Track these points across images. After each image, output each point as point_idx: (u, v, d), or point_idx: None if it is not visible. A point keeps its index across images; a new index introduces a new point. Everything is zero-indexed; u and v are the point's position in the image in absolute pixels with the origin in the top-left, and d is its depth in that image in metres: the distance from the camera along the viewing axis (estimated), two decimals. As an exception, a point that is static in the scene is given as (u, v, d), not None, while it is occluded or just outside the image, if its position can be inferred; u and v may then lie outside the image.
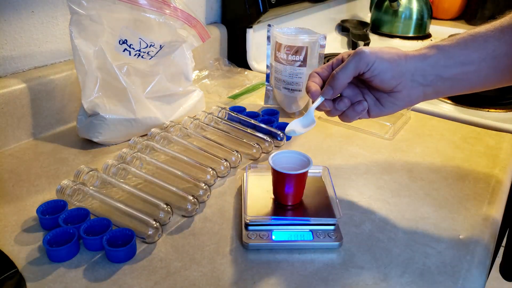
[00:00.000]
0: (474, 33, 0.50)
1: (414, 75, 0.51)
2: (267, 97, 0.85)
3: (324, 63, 0.57)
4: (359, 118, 0.56)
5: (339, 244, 0.47)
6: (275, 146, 0.69)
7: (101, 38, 0.62)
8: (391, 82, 0.50)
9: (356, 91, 0.55)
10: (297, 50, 0.75)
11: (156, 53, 0.67)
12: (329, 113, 0.55)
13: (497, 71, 0.50)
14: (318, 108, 0.54)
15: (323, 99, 0.53)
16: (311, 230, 0.48)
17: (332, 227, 0.49)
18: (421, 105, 0.87)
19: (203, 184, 0.54)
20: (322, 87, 0.53)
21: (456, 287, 0.43)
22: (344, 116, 0.55)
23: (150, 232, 0.46)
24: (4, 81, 0.64)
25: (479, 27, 0.51)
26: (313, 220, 0.49)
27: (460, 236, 0.50)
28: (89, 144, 0.67)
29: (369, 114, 0.55)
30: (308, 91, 0.53)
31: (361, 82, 0.54)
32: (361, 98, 0.54)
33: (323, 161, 0.65)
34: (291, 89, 0.78)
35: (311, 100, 0.54)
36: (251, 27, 1.01)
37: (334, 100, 0.54)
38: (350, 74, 0.50)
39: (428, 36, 1.46)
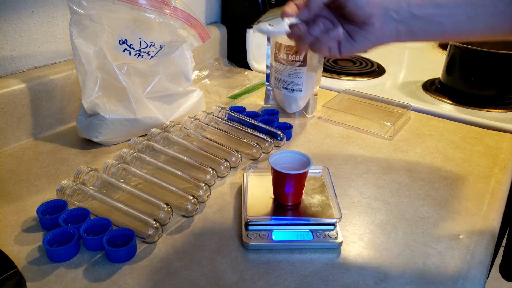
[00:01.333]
0: None
1: (388, 9, 0.50)
2: (267, 97, 0.85)
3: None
4: (329, 55, 0.54)
5: (339, 244, 0.47)
6: (275, 146, 0.69)
7: (101, 38, 0.62)
8: (366, 9, 0.49)
9: (329, 24, 0.53)
10: (297, 50, 0.74)
11: (156, 53, 0.67)
12: (300, 39, 0.53)
13: (470, 20, 0.49)
14: (292, 34, 0.52)
15: (298, 20, 0.51)
16: (311, 230, 0.48)
17: (332, 227, 0.49)
18: (421, 105, 0.87)
19: (203, 184, 0.54)
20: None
21: (456, 287, 0.43)
22: (316, 42, 0.53)
23: (150, 232, 0.46)
24: (4, 81, 0.64)
25: None
26: (313, 220, 0.49)
27: (460, 236, 0.50)
28: (89, 144, 0.67)
29: (340, 51, 0.53)
30: (283, 15, 0.52)
31: (334, 14, 0.53)
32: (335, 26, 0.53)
33: (323, 161, 0.65)
34: (291, 89, 0.78)
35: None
36: (251, 27, 1.01)
37: (308, 26, 0.52)
38: None
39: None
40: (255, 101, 0.88)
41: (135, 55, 0.65)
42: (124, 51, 0.64)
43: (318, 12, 0.52)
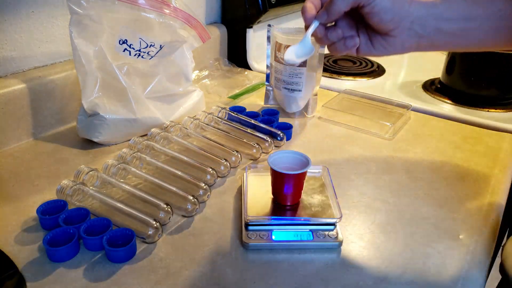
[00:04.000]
0: None
1: (413, 23, 0.49)
2: (267, 97, 0.85)
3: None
4: (346, 53, 0.54)
5: (339, 244, 0.47)
6: (275, 146, 0.69)
7: (101, 38, 0.62)
8: (389, 24, 0.48)
9: (352, 24, 0.52)
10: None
11: (156, 53, 0.67)
12: (320, 40, 0.53)
13: (497, 32, 0.48)
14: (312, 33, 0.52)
15: (318, 23, 0.50)
16: (311, 230, 0.48)
17: (332, 227, 0.49)
18: (421, 105, 0.87)
19: (203, 184, 0.54)
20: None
21: (456, 287, 0.43)
22: (333, 48, 0.53)
23: (150, 232, 0.46)
24: (4, 81, 0.64)
25: None
26: (313, 220, 0.49)
27: (460, 236, 0.50)
28: (89, 144, 0.67)
29: (357, 51, 0.53)
30: (303, 12, 0.51)
31: (358, 17, 0.52)
32: (355, 32, 0.52)
33: (323, 161, 0.65)
34: (291, 89, 0.78)
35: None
36: (251, 27, 1.01)
37: (327, 28, 0.52)
38: (349, 2, 0.48)
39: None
40: (255, 101, 0.88)
41: (135, 55, 0.65)
42: (124, 51, 0.64)
43: (338, 17, 0.50)
